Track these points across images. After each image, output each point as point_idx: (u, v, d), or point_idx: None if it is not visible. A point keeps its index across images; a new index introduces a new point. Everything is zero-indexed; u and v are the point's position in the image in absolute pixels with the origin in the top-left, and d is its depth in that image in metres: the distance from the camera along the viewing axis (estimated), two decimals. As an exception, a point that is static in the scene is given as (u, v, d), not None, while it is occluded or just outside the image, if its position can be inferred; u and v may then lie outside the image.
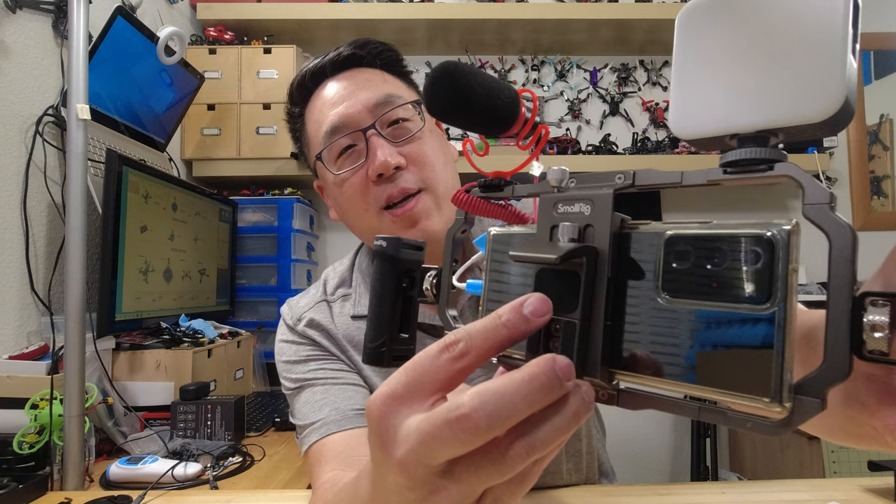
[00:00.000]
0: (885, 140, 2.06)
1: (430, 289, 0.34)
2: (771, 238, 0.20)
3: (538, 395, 0.22)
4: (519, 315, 0.24)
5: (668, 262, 0.23)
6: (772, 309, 0.20)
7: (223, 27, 1.77)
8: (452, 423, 0.23)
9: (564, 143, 1.83)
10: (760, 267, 0.20)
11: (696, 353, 0.22)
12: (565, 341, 0.25)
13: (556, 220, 0.27)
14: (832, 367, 0.20)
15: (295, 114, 0.72)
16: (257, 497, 0.75)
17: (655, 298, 0.23)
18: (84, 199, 0.84)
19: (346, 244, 2.00)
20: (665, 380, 0.23)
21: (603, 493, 0.73)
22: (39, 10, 1.11)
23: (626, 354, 0.24)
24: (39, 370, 0.90)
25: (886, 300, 0.20)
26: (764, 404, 0.20)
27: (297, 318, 0.75)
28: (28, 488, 0.73)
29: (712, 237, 0.22)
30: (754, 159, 0.22)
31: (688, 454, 1.87)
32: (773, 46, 0.22)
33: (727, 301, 0.21)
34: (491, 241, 0.30)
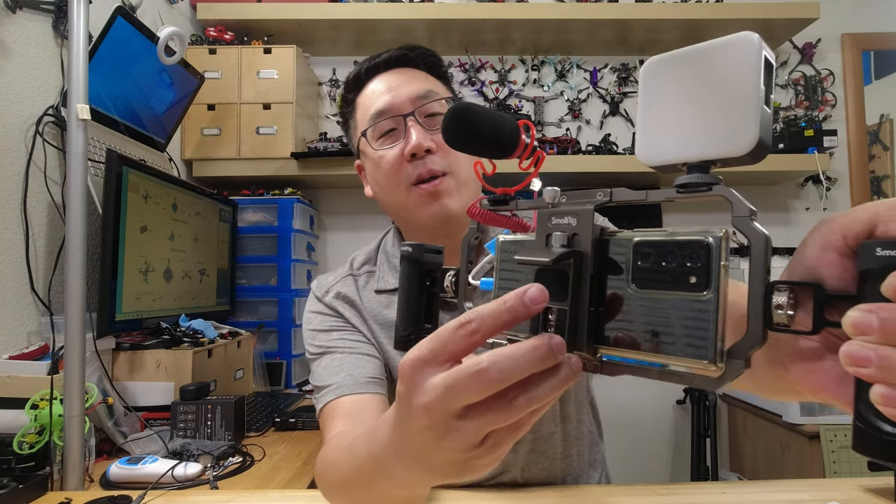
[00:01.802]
0: (885, 140, 2.06)
1: (449, 286, 0.42)
2: (708, 243, 0.27)
3: (538, 361, 0.30)
4: (520, 301, 0.30)
5: (636, 262, 0.30)
6: (709, 295, 0.27)
7: (223, 27, 1.77)
8: (473, 375, 0.30)
9: (564, 143, 1.83)
10: (700, 264, 0.27)
11: (657, 330, 0.29)
12: (558, 324, 0.32)
13: (550, 230, 0.33)
14: (752, 336, 0.27)
15: (348, 99, 0.83)
16: (257, 497, 0.75)
17: (627, 289, 0.30)
18: (84, 199, 0.84)
19: (347, 244, 2.00)
20: (635, 351, 0.30)
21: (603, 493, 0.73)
22: (39, 10, 1.11)
23: (606, 333, 0.31)
24: (39, 370, 0.90)
25: (787, 287, 0.27)
26: (703, 365, 0.27)
27: (325, 290, 0.84)
28: (28, 488, 0.73)
29: (667, 242, 0.29)
30: (698, 183, 0.29)
31: (688, 454, 1.87)
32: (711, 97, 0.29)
33: (678, 290, 0.28)
34: (499, 246, 0.37)
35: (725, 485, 0.72)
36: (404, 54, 0.79)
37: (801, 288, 0.27)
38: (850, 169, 2.05)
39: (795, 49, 2.06)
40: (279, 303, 1.69)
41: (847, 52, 2.07)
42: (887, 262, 0.25)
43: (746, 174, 1.85)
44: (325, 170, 1.73)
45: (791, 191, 2.06)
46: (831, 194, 2.04)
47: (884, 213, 0.27)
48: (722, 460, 1.88)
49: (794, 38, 2.01)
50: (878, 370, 0.24)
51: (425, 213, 0.75)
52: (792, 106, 2.05)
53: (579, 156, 1.81)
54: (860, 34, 2.07)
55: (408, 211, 0.77)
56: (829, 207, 2.04)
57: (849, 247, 0.28)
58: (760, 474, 1.74)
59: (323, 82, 2.03)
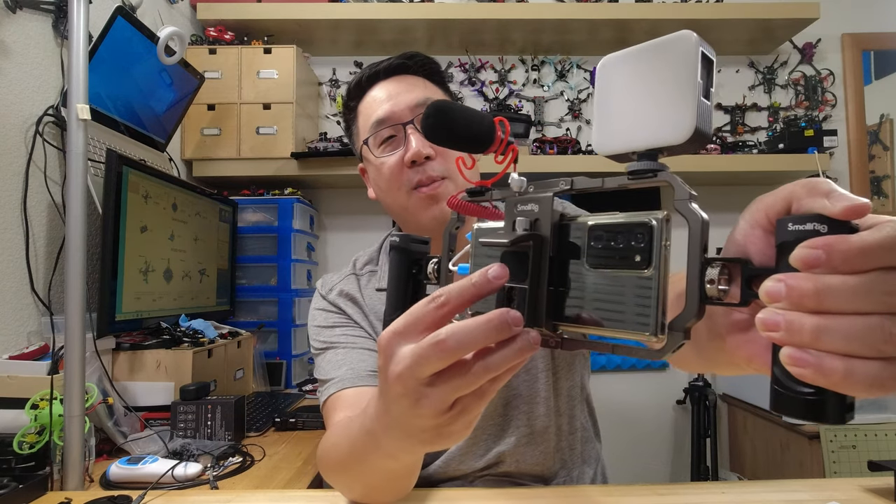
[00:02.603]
0: (885, 140, 2.06)
1: (432, 272, 0.45)
2: (651, 224, 0.30)
3: (493, 332, 0.33)
4: (484, 278, 0.34)
5: (590, 243, 0.33)
6: (650, 272, 0.29)
7: (223, 27, 1.77)
8: (433, 345, 0.33)
9: (564, 143, 1.83)
10: (643, 244, 0.30)
11: (608, 307, 0.32)
12: (519, 302, 0.34)
13: (515, 216, 0.36)
14: (689, 310, 0.29)
15: (350, 107, 0.86)
16: (257, 497, 0.75)
17: (582, 269, 0.33)
18: (84, 199, 0.84)
19: (347, 244, 2.01)
20: (591, 327, 0.33)
21: (603, 493, 0.73)
22: (39, 10, 1.11)
23: (566, 311, 0.34)
24: (39, 370, 0.90)
25: (720, 263, 0.29)
26: (646, 337, 0.30)
27: (329, 288, 0.89)
28: (28, 488, 0.73)
29: (616, 225, 0.31)
30: (646, 169, 0.32)
31: (688, 454, 1.87)
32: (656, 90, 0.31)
33: (625, 268, 0.31)
34: (474, 232, 0.39)
35: (725, 485, 0.72)
36: (403, 63, 0.82)
37: (731, 264, 0.30)
38: (850, 169, 2.05)
39: (795, 49, 2.06)
40: (279, 303, 1.69)
41: (847, 52, 2.07)
42: (798, 235, 0.27)
43: (747, 174, 1.85)
44: (325, 170, 1.73)
45: (791, 191, 2.06)
46: (831, 194, 2.04)
47: (798, 192, 0.29)
48: (722, 460, 1.88)
49: (794, 38, 2.01)
50: (786, 333, 0.26)
51: (426, 215, 0.79)
52: (792, 106, 2.05)
53: (579, 156, 1.81)
54: (860, 34, 2.07)
55: (409, 213, 0.81)
56: (829, 207, 2.03)
57: (770, 223, 0.30)
58: (760, 474, 1.74)
59: (323, 82, 2.03)
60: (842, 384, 0.25)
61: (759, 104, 2.05)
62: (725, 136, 2.00)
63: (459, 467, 0.82)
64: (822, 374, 0.25)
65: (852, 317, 0.25)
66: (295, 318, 1.69)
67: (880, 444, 1.49)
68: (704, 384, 1.87)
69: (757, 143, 1.94)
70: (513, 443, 0.81)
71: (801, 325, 0.26)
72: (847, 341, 0.25)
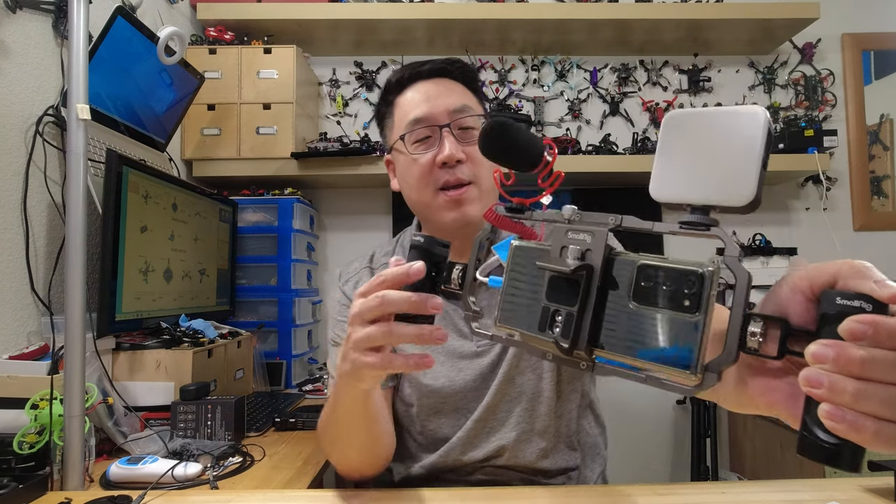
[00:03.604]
0: (885, 140, 2.06)
1: (456, 279, 0.48)
2: (703, 273, 0.32)
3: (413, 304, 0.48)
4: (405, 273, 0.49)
5: (638, 281, 0.35)
6: (698, 317, 0.32)
7: (223, 27, 1.77)
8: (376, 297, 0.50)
9: (564, 143, 1.83)
10: (694, 291, 0.33)
11: (649, 340, 0.34)
12: (565, 324, 0.37)
13: (566, 243, 0.38)
14: (727, 355, 0.33)
15: (388, 100, 0.90)
16: (257, 497, 0.75)
17: (627, 303, 0.35)
18: (84, 199, 0.84)
19: (347, 244, 2.01)
20: (628, 357, 0.35)
21: (603, 493, 0.73)
22: (39, 10, 1.11)
23: (604, 338, 0.36)
24: (39, 370, 0.90)
25: (761, 318, 0.33)
26: (685, 375, 0.33)
27: (345, 280, 0.96)
28: (28, 488, 0.73)
29: (667, 269, 0.34)
30: (699, 223, 0.34)
31: (688, 454, 1.87)
32: (719, 153, 0.34)
33: (673, 310, 0.33)
34: (514, 249, 0.42)
35: (725, 485, 0.72)
36: (444, 67, 0.87)
37: (771, 321, 0.33)
38: (850, 169, 2.05)
39: (795, 49, 2.06)
40: (279, 303, 1.69)
41: (847, 52, 2.07)
42: (843, 309, 0.31)
43: (746, 174, 1.85)
44: (325, 170, 1.73)
45: (791, 191, 2.06)
46: (831, 194, 2.04)
47: (845, 272, 0.33)
48: (722, 460, 1.88)
49: (794, 38, 2.01)
50: (827, 391, 0.30)
51: (448, 216, 0.83)
52: (792, 106, 2.05)
53: (579, 156, 1.81)
54: (860, 34, 2.07)
55: (431, 211, 0.85)
56: (829, 207, 2.04)
57: (813, 293, 0.34)
58: (760, 474, 1.74)
59: (323, 82, 2.03)
60: (870, 441, 0.29)
61: (759, 104, 2.04)
62: (725, 136, 2.00)
63: (460, 457, 0.84)
64: (855, 430, 0.29)
65: (888, 385, 0.29)
66: (295, 318, 1.69)
67: (880, 444, 1.49)
68: (704, 384, 1.87)
69: (757, 143, 1.94)
70: (513, 437, 0.83)
71: (844, 387, 0.29)
72: (882, 406, 0.29)
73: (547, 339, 0.37)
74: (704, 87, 2.04)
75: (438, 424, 0.86)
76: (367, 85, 2.02)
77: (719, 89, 2.05)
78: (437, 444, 0.86)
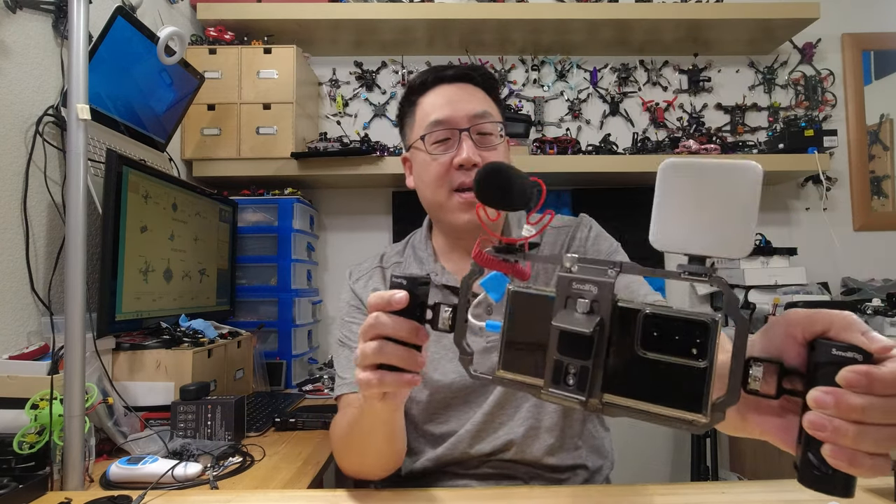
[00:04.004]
0: (885, 140, 2.06)
1: (447, 320, 0.48)
2: (709, 323, 0.35)
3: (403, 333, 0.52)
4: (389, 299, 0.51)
5: (645, 330, 0.37)
6: (705, 364, 0.35)
7: (223, 27, 1.77)
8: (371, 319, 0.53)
9: (564, 143, 1.83)
10: (701, 340, 0.35)
11: (659, 385, 0.37)
12: (581, 377, 0.38)
13: (572, 294, 0.39)
14: (731, 397, 0.36)
15: (412, 100, 0.92)
16: (257, 497, 0.75)
17: (635, 351, 0.37)
18: (84, 199, 0.84)
19: (347, 244, 2.01)
20: (639, 401, 0.38)
21: (603, 493, 0.73)
22: (39, 10, 1.11)
23: (614, 383, 0.38)
24: (39, 370, 0.90)
25: (761, 362, 0.38)
26: (696, 417, 0.36)
27: (356, 278, 0.96)
28: (28, 488, 0.73)
29: (673, 318, 0.36)
30: (700, 272, 0.37)
31: (688, 454, 1.87)
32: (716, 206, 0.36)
33: (681, 357, 0.36)
34: (511, 295, 0.43)
35: (725, 485, 0.72)
36: (468, 73, 0.90)
37: (769, 363, 0.38)
38: (850, 169, 2.05)
39: (795, 49, 2.06)
40: (279, 303, 1.69)
41: (847, 52, 2.07)
42: (838, 359, 0.36)
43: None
44: (325, 170, 1.73)
45: (791, 191, 2.06)
46: (831, 194, 2.04)
47: (837, 323, 0.37)
48: (722, 460, 1.88)
49: (794, 38, 2.01)
50: (831, 434, 0.35)
51: (462, 218, 0.85)
52: (792, 106, 2.05)
53: (579, 156, 1.81)
54: (860, 34, 2.07)
55: (445, 211, 0.87)
56: (829, 207, 2.04)
57: (804, 339, 0.39)
58: (760, 474, 1.74)
59: (323, 82, 2.03)
60: (866, 473, 0.35)
61: (759, 104, 2.05)
62: (725, 136, 2.00)
63: (468, 450, 0.85)
64: (854, 465, 0.34)
65: (880, 427, 0.34)
66: (295, 318, 1.69)
67: (880, 444, 1.49)
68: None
69: (757, 143, 1.94)
70: (521, 432, 0.85)
71: (846, 430, 0.34)
72: (875, 444, 0.34)
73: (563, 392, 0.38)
74: (704, 87, 2.04)
75: (447, 418, 0.88)
76: (367, 85, 2.02)
77: (719, 89, 2.05)
78: (445, 437, 0.87)
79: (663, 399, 0.36)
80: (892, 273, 1.96)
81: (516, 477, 0.86)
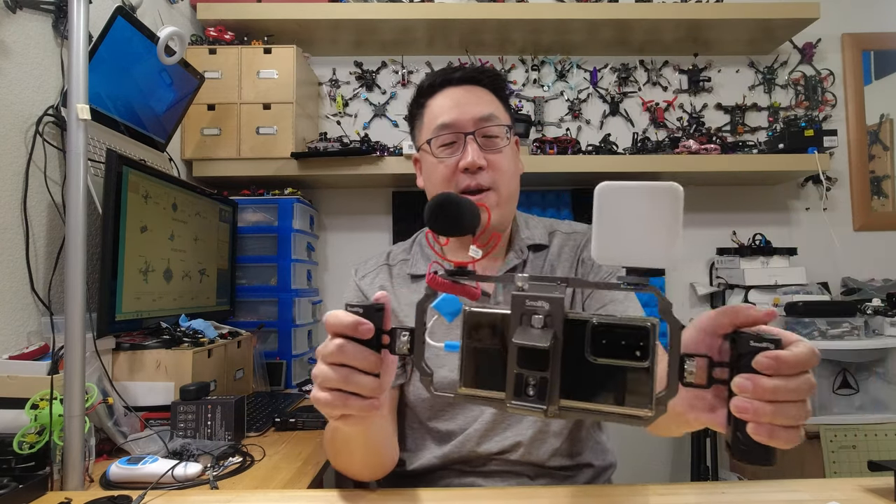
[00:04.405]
0: (885, 140, 2.06)
1: (405, 343, 0.49)
2: (649, 328, 0.40)
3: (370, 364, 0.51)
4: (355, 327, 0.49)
5: (594, 338, 0.41)
6: (648, 363, 0.40)
7: (223, 27, 1.77)
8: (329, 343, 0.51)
9: (564, 143, 1.83)
10: (644, 342, 0.40)
11: (609, 387, 0.41)
12: (540, 388, 0.41)
13: (526, 311, 0.42)
14: (671, 390, 0.41)
15: (420, 103, 0.94)
16: (257, 497, 0.75)
17: (586, 357, 0.41)
18: (84, 199, 0.84)
19: (347, 244, 2.01)
20: (592, 403, 0.42)
21: (603, 493, 0.73)
22: (39, 10, 1.11)
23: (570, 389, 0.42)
24: (39, 370, 0.90)
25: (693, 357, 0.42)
26: (643, 412, 0.40)
27: (362, 275, 0.98)
28: (28, 488, 0.73)
29: (617, 325, 0.41)
30: (637, 283, 0.42)
31: (688, 454, 1.87)
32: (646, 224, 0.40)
33: (627, 359, 0.40)
34: (467, 315, 0.45)
35: (725, 485, 0.72)
36: (475, 75, 0.91)
37: (700, 358, 0.42)
38: (850, 169, 2.05)
39: (795, 49, 2.06)
40: (279, 303, 1.69)
41: (847, 52, 2.07)
42: (755, 349, 0.42)
43: (747, 174, 1.85)
44: (325, 170, 1.73)
45: (791, 191, 2.06)
46: (831, 194, 2.05)
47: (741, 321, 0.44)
48: (722, 460, 1.88)
49: (794, 38, 2.01)
50: (752, 414, 0.41)
51: None
52: (792, 106, 2.05)
53: (579, 156, 1.81)
54: (860, 34, 2.07)
55: None
56: (829, 207, 2.04)
57: (717, 334, 0.45)
58: (760, 474, 1.74)
59: (323, 82, 2.03)
60: (782, 443, 0.41)
61: (759, 104, 2.05)
62: (725, 136, 2.00)
63: (475, 448, 0.86)
64: (772, 438, 0.41)
65: (789, 404, 0.41)
66: (295, 318, 1.69)
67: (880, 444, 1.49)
68: (704, 384, 1.87)
69: (757, 143, 1.94)
70: (529, 435, 0.86)
71: (764, 410, 0.41)
72: (788, 419, 0.41)
73: (525, 404, 0.41)
74: (704, 87, 2.04)
75: (452, 415, 0.88)
76: (367, 85, 2.02)
77: (719, 89, 2.05)
78: (451, 434, 0.88)
79: (613, 398, 0.41)
80: (892, 273, 1.96)
81: (522, 475, 0.86)
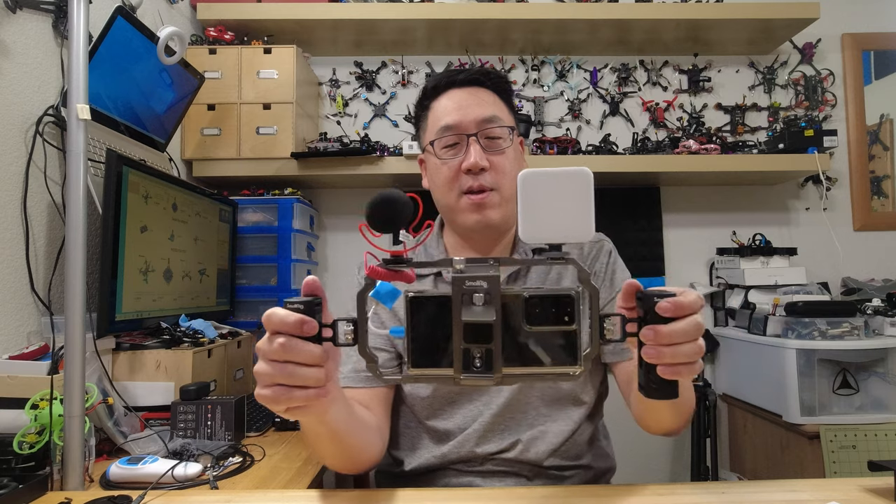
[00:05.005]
0: (885, 140, 2.06)
1: (347, 333, 0.51)
2: (573, 295, 0.46)
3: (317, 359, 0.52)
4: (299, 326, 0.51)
5: (528, 309, 0.46)
6: (575, 326, 0.46)
7: (223, 27, 1.77)
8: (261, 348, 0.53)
9: (564, 143, 1.83)
10: (570, 308, 0.46)
11: (544, 351, 0.47)
12: (486, 360, 0.45)
13: (467, 291, 0.46)
14: (594, 346, 0.48)
15: (424, 104, 0.95)
16: (257, 497, 0.75)
17: (523, 327, 0.46)
18: (84, 199, 0.84)
19: (347, 244, 2.01)
20: (532, 367, 0.47)
21: (602, 493, 0.73)
22: (39, 10, 1.11)
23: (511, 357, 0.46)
24: (39, 370, 0.90)
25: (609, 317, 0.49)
26: (574, 368, 0.47)
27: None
28: (28, 488, 0.73)
29: (547, 295, 0.46)
30: (558, 256, 0.48)
31: (688, 454, 1.87)
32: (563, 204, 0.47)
33: (558, 325, 0.46)
34: (409, 301, 0.47)
35: (725, 485, 0.72)
36: (478, 77, 0.91)
37: (615, 317, 0.50)
38: (850, 169, 2.05)
39: (795, 49, 2.06)
40: (279, 303, 1.67)
41: (847, 52, 2.07)
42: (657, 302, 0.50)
43: (747, 174, 1.85)
44: (325, 170, 1.73)
45: (791, 191, 2.06)
46: (831, 194, 2.04)
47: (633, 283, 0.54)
48: (722, 460, 1.88)
49: (794, 38, 2.01)
50: (656, 358, 0.50)
51: (471, 219, 0.87)
52: (792, 106, 2.05)
53: (579, 156, 1.81)
54: (860, 34, 2.07)
55: (455, 213, 0.89)
56: (829, 207, 2.04)
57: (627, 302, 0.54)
58: (760, 474, 1.74)
59: (323, 82, 2.03)
60: (684, 377, 0.51)
61: (759, 104, 2.05)
62: (725, 136, 2.00)
63: (474, 449, 0.86)
64: (676, 374, 0.50)
65: (685, 344, 0.50)
66: (295, 318, 1.69)
67: (880, 444, 1.49)
68: (704, 384, 1.88)
69: (757, 143, 1.94)
70: (528, 435, 0.86)
71: (666, 352, 0.50)
72: (685, 356, 0.50)
73: (474, 375, 0.45)
74: (704, 87, 2.04)
75: (450, 414, 0.88)
76: (367, 85, 2.02)
77: (719, 89, 2.05)
78: (450, 433, 0.88)
79: (548, 361, 0.46)
80: (892, 273, 1.96)
81: (520, 474, 0.87)
